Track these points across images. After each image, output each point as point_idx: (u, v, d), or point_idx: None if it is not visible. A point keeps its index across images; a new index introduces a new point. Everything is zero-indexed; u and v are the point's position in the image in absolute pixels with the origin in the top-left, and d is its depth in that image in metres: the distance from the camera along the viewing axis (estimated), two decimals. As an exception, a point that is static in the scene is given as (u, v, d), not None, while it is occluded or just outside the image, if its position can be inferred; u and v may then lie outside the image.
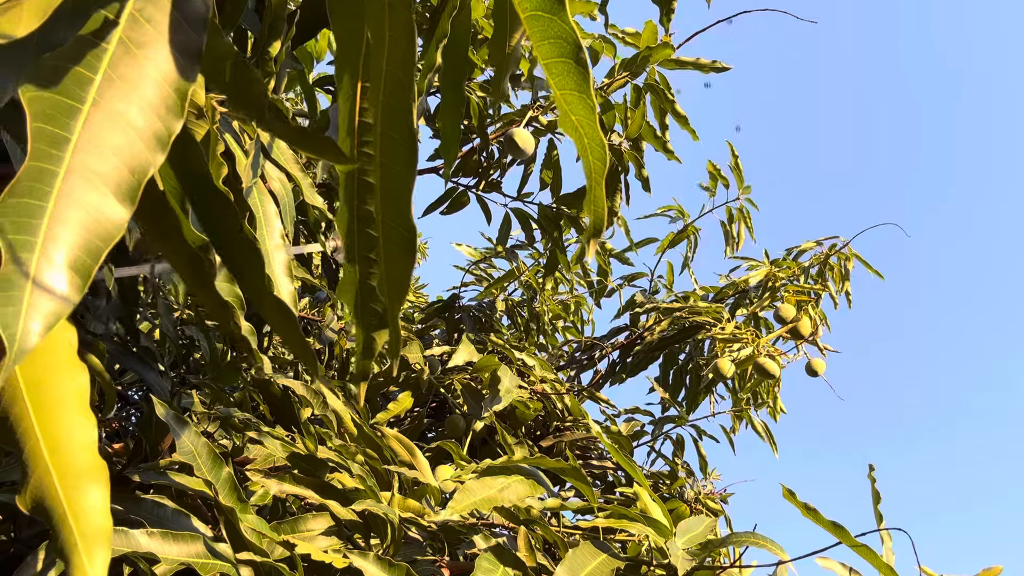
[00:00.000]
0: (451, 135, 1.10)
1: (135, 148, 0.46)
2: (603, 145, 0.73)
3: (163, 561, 1.09)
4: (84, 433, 0.51)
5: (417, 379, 2.89)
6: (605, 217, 0.79)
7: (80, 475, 0.49)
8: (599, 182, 0.76)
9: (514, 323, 4.13)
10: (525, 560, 1.28)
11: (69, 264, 0.42)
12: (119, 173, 0.45)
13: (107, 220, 0.44)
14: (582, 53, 0.69)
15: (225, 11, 0.91)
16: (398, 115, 0.58)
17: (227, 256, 0.66)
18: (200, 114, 0.83)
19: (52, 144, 0.43)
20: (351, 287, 0.70)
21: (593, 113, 0.71)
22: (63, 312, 0.42)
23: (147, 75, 0.48)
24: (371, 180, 0.63)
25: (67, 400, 0.50)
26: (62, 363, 0.50)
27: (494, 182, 3.31)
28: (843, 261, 4.13)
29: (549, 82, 0.69)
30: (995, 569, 1.18)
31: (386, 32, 0.55)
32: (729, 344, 3.49)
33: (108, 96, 0.46)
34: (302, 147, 0.57)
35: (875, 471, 1.38)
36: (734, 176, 3.98)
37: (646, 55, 2.78)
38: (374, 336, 0.75)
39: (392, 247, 0.66)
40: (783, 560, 1.24)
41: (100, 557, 0.50)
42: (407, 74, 0.57)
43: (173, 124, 0.49)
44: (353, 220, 0.66)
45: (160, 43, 0.49)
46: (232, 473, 1.29)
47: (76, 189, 0.43)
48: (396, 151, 0.60)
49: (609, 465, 3.14)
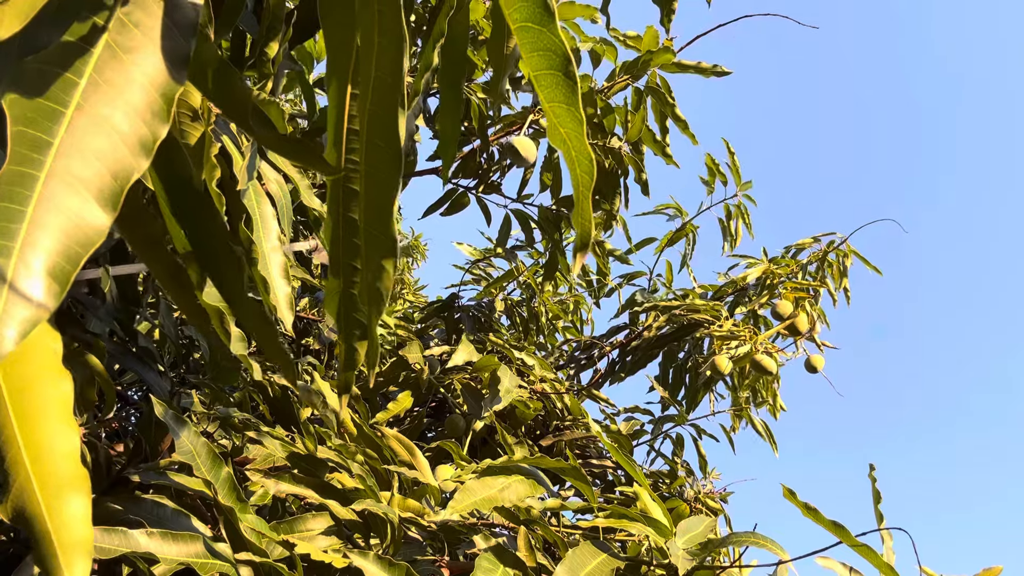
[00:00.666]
0: (449, 135, 1.09)
1: (119, 153, 0.46)
2: (591, 159, 0.72)
3: (162, 561, 1.09)
4: (66, 442, 0.50)
5: (417, 379, 2.89)
6: (592, 231, 0.78)
7: (62, 484, 0.49)
8: (586, 195, 0.75)
9: (513, 323, 4.13)
10: (525, 560, 1.28)
11: (47, 270, 0.41)
12: (102, 178, 0.45)
13: (88, 226, 0.43)
14: (571, 66, 0.68)
15: (223, 13, 0.91)
16: (385, 123, 0.58)
17: (208, 263, 0.66)
18: (195, 116, 0.83)
19: (33, 148, 0.42)
20: (334, 297, 0.69)
21: (581, 126, 0.70)
22: (39, 319, 0.41)
23: (133, 80, 0.48)
24: (356, 187, 0.62)
25: (50, 408, 0.50)
26: (45, 370, 0.50)
27: (494, 184, 3.31)
28: (841, 258, 4.14)
29: (538, 94, 0.68)
30: (995, 569, 1.18)
31: (375, 39, 0.55)
32: (727, 341, 3.49)
33: (93, 100, 0.46)
34: (287, 155, 0.56)
35: (875, 470, 1.38)
36: (732, 173, 3.98)
37: (647, 58, 2.77)
38: (356, 347, 0.74)
39: (373, 256, 0.65)
40: (783, 560, 1.24)
41: (80, 567, 0.50)
42: (396, 81, 0.56)
43: (159, 129, 0.48)
44: (338, 228, 0.65)
45: (148, 48, 0.49)
46: (231, 473, 1.29)
47: (57, 194, 0.43)
48: (381, 159, 0.59)
49: (609, 464, 3.14)
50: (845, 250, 4.12)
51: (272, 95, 1.27)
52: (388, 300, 0.68)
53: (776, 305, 3.78)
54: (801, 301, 3.73)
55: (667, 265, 4.39)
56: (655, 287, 4.40)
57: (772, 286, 3.98)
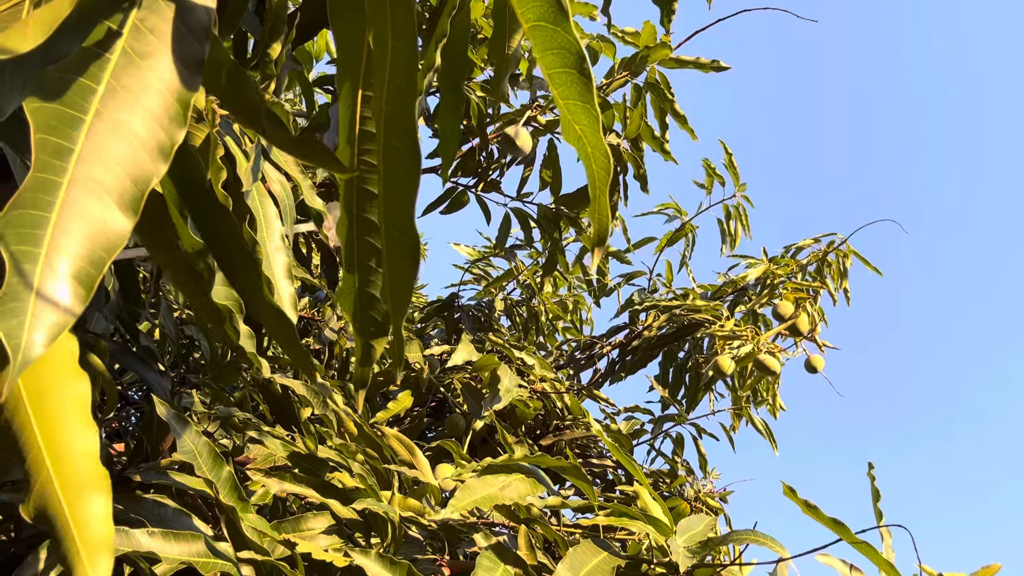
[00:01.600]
0: (449, 135, 1.10)
1: (138, 158, 0.46)
2: (607, 155, 0.73)
3: (164, 560, 1.09)
4: (86, 442, 0.51)
5: (417, 378, 2.89)
6: (609, 225, 0.79)
7: (82, 484, 0.50)
8: (603, 191, 0.76)
9: (513, 323, 4.13)
10: (525, 558, 1.28)
11: (73, 275, 0.42)
12: (122, 183, 0.45)
13: (110, 230, 0.44)
14: (585, 64, 0.69)
15: (226, 14, 0.91)
16: (401, 125, 0.58)
17: (224, 263, 0.66)
18: (200, 118, 0.83)
19: (55, 155, 0.43)
20: (350, 294, 0.70)
21: (597, 123, 0.71)
22: (67, 323, 0.41)
23: (150, 85, 0.48)
24: (372, 189, 0.63)
25: (69, 409, 0.50)
26: (64, 372, 0.51)
27: (493, 182, 3.31)
28: (841, 258, 4.14)
29: (552, 92, 0.69)
30: (994, 567, 1.18)
31: (389, 42, 0.55)
32: (729, 341, 3.49)
33: (111, 107, 0.46)
34: (300, 155, 0.56)
35: (874, 469, 1.39)
36: (729, 173, 3.98)
37: (645, 54, 2.78)
38: (373, 344, 0.75)
39: (395, 256, 0.66)
40: (783, 557, 1.24)
41: (103, 565, 0.50)
42: (410, 84, 0.56)
43: (176, 134, 0.48)
44: (352, 228, 0.66)
45: (163, 53, 0.49)
46: (233, 472, 1.29)
47: (79, 200, 0.43)
48: (399, 160, 0.60)
49: (609, 464, 3.14)
50: (845, 250, 4.12)
51: (275, 96, 1.27)
52: (412, 297, 0.69)
53: (776, 305, 3.78)
54: (801, 301, 3.73)
55: (667, 265, 4.39)
56: (655, 287, 4.40)
57: (772, 286, 3.98)
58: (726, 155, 3.92)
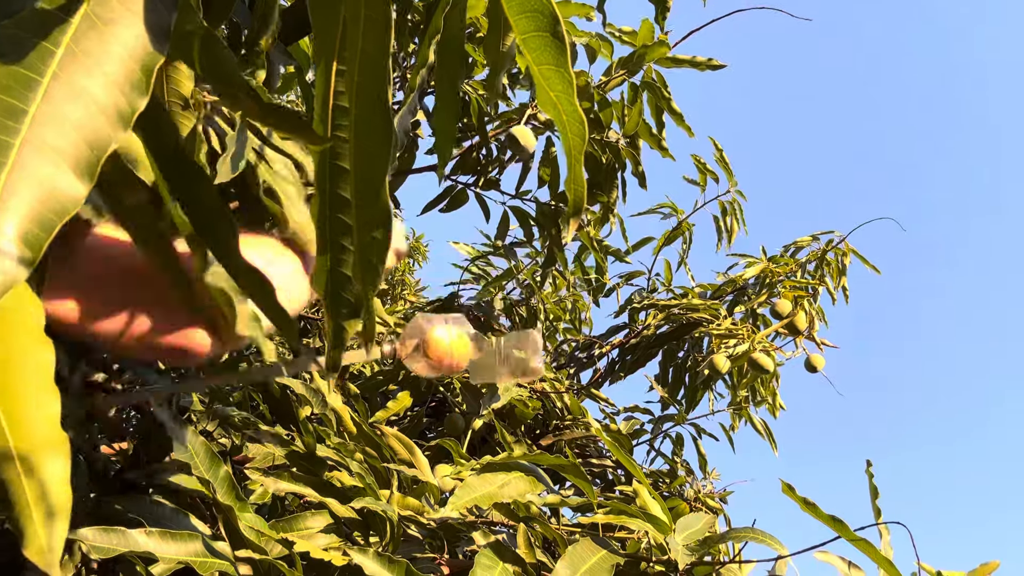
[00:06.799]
0: (445, 132, 1.09)
1: (96, 123, 0.45)
2: (582, 121, 0.72)
3: (161, 560, 1.09)
4: (46, 407, 0.49)
5: (416, 378, 2.89)
6: (585, 195, 0.77)
7: (39, 446, 0.48)
8: (578, 159, 0.74)
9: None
10: (524, 556, 1.28)
11: (20, 236, 0.41)
12: (77, 148, 0.44)
13: (62, 194, 0.43)
14: (559, 26, 0.68)
15: (215, 4, 0.90)
16: (373, 95, 0.57)
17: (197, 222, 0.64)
18: (186, 105, 0.82)
19: (9, 115, 0.42)
20: (322, 274, 0.69)
21: (571, 87, 0.70)
22: (9, 284, 0.40)
23: (112, 51, 0.47)
24: (344, 165, 0.62)
25: (29, 376, 0.48)
26: (25, 340, 0.49)
27: (492, 180, 3.31)
28: (840, 256, 4.14)
29: (527, 58, 0.68)
30: (992, 564, 1.18)
31: (361, 14, 0.54)
32: (725, 340, 3.49)
33: (70, 70, 0.45)
34: (274, 126, 0.56)
35: (873, 467, 1.38)
36: (722, 169, 3.97)
37: (642, 53, 2.78)
38: (344, 325, 0.73)
39: (366, 231, 0.64)
40: (782, 555, 1.24)
41: (58, 529, 0.48)
42: (382, 54, 0.55)
43: (137, 101, 0.47)
44: (325, 206, 0.64)
45: (127, 19, 0.48)
46: (230, 472, 1.29)
47: (31, 162, 0.42)
48: (370, 132, 0.58)
49: (608, 463, 3.14)
50: (844, 249, 4.12)
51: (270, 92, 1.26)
52: (383, 274, 0.68)
53: (775, 304, 3.79)
54: (800, 300, 3.73)
55: (665, 264, 4.39)
56: (654, 286, 4.40)
57: (771, 285, 3.98)
58: (716, 151, 3.90)
